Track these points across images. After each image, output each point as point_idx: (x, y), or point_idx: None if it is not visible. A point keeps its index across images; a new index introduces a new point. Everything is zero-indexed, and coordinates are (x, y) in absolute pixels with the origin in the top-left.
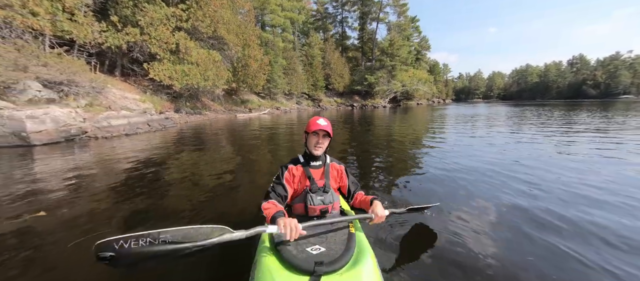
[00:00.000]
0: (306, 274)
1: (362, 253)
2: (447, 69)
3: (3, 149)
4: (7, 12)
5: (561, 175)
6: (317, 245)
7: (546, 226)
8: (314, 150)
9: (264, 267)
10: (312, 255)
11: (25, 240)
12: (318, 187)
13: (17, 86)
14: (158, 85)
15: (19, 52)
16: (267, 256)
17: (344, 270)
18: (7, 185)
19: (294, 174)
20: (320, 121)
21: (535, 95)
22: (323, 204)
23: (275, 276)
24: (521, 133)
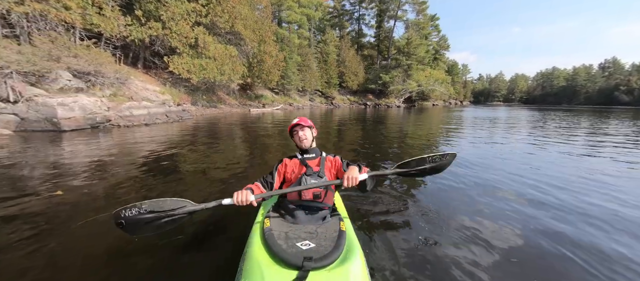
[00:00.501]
0: (295, 268)
1: (351, 250)
2: (467, 69)
3: (36, 133)
4: (43, 5)
5: (583, 193)
6: (307, 240)
7: (548, 246)
8: (300, 143)
9: (253, 260)
10: (301, 250)
11: (39, 216)
12: (313, 171)
13: (50, 75)
14: (177, 78)
15: (52, 43)
16: (256, 250)
17: (332, 267)
18: (35, 166)
19: (288, 165)
20: (295, 120)
21: (561, 100)
22: (317, 188)
23: (263, 270)
24: (544, 139)
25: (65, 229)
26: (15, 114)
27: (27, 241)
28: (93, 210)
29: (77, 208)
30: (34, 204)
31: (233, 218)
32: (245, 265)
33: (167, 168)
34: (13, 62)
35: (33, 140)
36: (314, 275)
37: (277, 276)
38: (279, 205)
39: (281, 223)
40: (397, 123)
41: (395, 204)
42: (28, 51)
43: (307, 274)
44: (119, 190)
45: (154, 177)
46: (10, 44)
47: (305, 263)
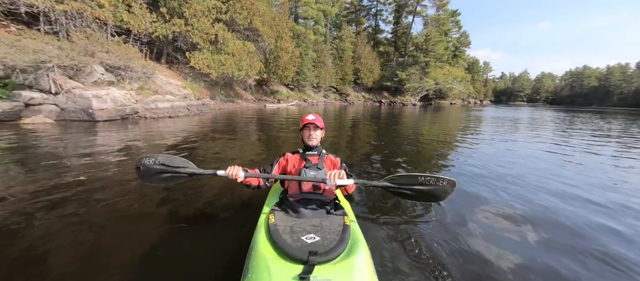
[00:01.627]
0: (300, 263)
1: (356, 244)
2: (488, 67)
3: (74, 122)
4: (80, 4)
5: (612, 208)
6: (311, 234)
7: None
8: (308, 141)
9: (259, 255)
10: (306, 244)
11: (61, 200)
12: (312, 164)
13: (86, 69)
14: (197, 73)
15: (88, 39)
16: (262, 245)
17: (337, 260)
18: (68, 154)
19: (290, 159)
20: (309, 116)
21: (591, 101)
22: (315, 179)
23: (269, 265)
24: (569, 142)
25: (83, 211)
26: (56, 105)
27: (46, 220)
28: (112, 195)
29: (98, 192)
30: (60, 187)
31: (238, 213)
32: (251, 260)
33: (187, 158)
34: (54, 57)
35: (71, 129)
36: (320, 269)
37: (283, 271)
38: (282, 201)
39: (285, 218)
40: (411, 122)
41: (400, 199)
42: (67, 47)
43: (312, 268)
44: (135, 177)
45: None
46: (51, 40)
47: (310, 258)
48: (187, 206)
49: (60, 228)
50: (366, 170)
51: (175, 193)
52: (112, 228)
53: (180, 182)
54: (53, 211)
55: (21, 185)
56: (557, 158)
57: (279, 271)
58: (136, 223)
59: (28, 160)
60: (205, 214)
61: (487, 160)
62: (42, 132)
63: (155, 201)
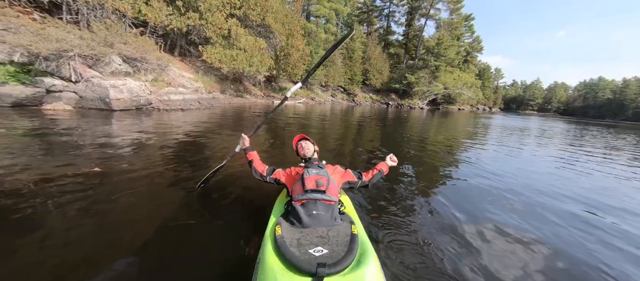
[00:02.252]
0: (308, 275)
1: (365, 254)
2: (500, 74)
3: (91, 110)
4: None
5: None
6: (319, 246)
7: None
8: (301, 152)
9: (267, 268)
10: (314, 256)
11: (74, 190)
12: (313, 164)
13: (105, 59)
14: (208, 67)
15: (107, 30)
16: (270, 258)
17: (346, 272)
18: (85, 142)
19: (294, 170)
20: (295, 139)
21: (604, 114)
22: (318, 175)
23: (278, 278)
24: (581, 156)
25: (97, 201)
26: (75, 92)
27: (60, 208)
28: (127, 186)
29: (110, 184)
30: (76, 175)
31: (245, 227)
32: (260, 273)
33: (196, 151)
34: (76, 46)
35: (89, 117)
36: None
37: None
38: (288, 212)
39: (292, 229)
40: (418, 127)
41: (409, 205)
42: (88, 36)
43: (321, 280)
44: (152, 169)
45: (183, 157)
46: (73, 29)
47: (319, 270)
48: (196, 211)
49: (70, 218)
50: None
51: (186, 198)
52: (118, 226)
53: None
54: (67, 201)
55: (39, 172)
56: (568, 172)
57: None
58: (143, 225)
59: (48, 145)
60: (215, 222)
61: (496, 172)
62: (62, 119)
63: (166, 203)
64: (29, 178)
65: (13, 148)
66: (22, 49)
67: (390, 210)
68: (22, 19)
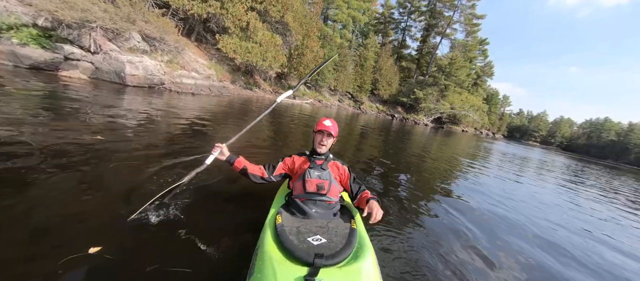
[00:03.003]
0: (306, 265)
1: (363, 249)
2: (507, 101)
3: (106, 83)
4: None
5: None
6: (318, 235)
7: None
8: (318, 147)
9: (265, 256)
10: (312, 245)
11: (75, 154)
12: (316, 165)
13: (125, 34)
14: (222, 56)
15: (132, 7)
16: (268, 246)
17: (343, 264)
18: (93, 111)
19: (296, 160)
20: (326, 122)
21: (607, 155)
22: (320, 179)
23: (275, 265)
24: (579, 193)
25: (96, 167)
26: (91, 63)
27: (57, 170)
28: (125, 156)
29: (108, 152)
30: (78, 140)
31: (245, 214)
32: (258, 259)
33: (199, 135)
34: (99, 18)
35: (102, 88)
36: (325, 271)
37: (289, 272)
38: (288, 203)
39: (292, 218)
40: (421, 143)
41: (408, 205)
42: (112, 10)
43: (317, 270)
44: (153, 148)
45: (187, 141)
46: (98, 2)
47: (316, 260)
48: (195, 197)
49: (64, 182)
50: (365, 180)
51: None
52: (115, 193)
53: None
54: (65, 165)
55: (44, 133)
56: (565, 208)
57: (285, 272)
58: (138, 199)
59: (59, 110)
60: (213, 208)
61: (494, 194)
62: (76, 86)
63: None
64: (32, 139)
65: (24, 107)
66: (47, 13)
67: (390, 208)
68: None
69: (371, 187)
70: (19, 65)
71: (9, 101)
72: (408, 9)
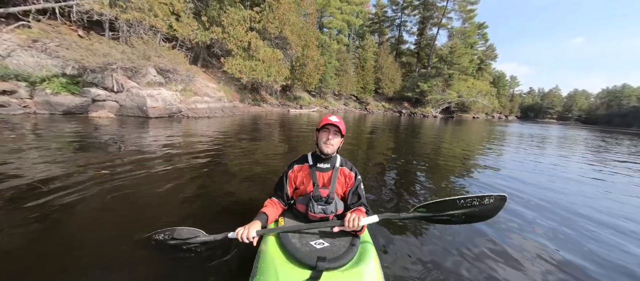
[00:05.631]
0: (308, 268)
1: (366, 252)
2: (515, 82)
3: (130, 118)
4: (141, 14)
5: None
6: (320, 240)
7: None
8: (323, 146)
9: (268, 257)
10: (315, 249)
11: (79, 191)
12: (321, 196)
13: (142, 71)
14: (229, 77)
15: (145, 45)
16: (271, 248)
17: (346, 268)
18: (122, 145)
19: (298, 174)
20: (331, 117)
21: (631, 122)
22: (324, 213)
23: (277, 268)
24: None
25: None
26: (116, 101)
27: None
28: (131, 192)
29: (113, 189)
30: (82, 179)
31: (248, 217)
32: (260, 261)
33: (217, 159)
34: (119, 60)
35: (128, 123)
36: (328, 275)
37: (291, 275)
38: (291, 206)
39: (295, 222)
40: (432, 135)
41: (411, 207)
42: (128, 51)
43: (320, 274)
44: (171, 180)
45: (206, 169)
46: (115, 45)
47: (318, 263)
48: (199, 202)
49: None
50: (379, 183)
51: (187, 189)
52: (127, 208)
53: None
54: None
55: (74, 169)
56: (599, 184)
57: (287, 274)
58: (145, 210)
59: (88, 147)
60: (216, 212)
61: (513, 180)
62: (105, 125)
63: (171, 196)
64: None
65: (59, 149)
66: (74, 62)
67: (392, 211)
68: (72, 35)
69: (382, 198)
70: (53, 112)
71: (48, 145)
72: (401, 5)
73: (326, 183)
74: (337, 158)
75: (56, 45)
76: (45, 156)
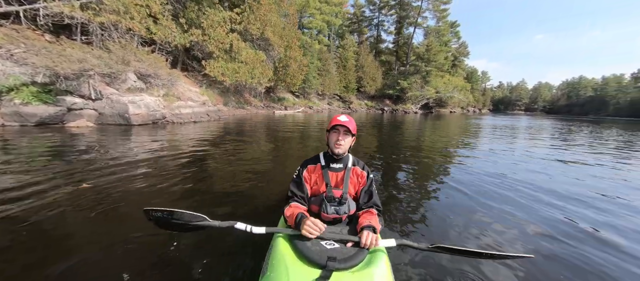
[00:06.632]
0: (318, 267)
1: (377, 255)
2: (486, 77)
3: (111, 126)
4: (116, 16)
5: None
6: (331, 240)
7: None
8: (334, 147)
9: (278, 255)
10: (325, 249)
11: (60, 206)
12: (334, 197)
13: (121, 77)
14: (211, 80)
15: (123, 49)
16: (281, 247)
17: (356, 269)
18: (88, 156)
19: (312, 175)
20: (341, 117)
21: (588, 111)
22: (337, 214)
23: (288, 267)
24: (573, 153)
25: (78, 220)
26: (95, 109)
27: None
28: (106, 203)
29: (96, 201)
30: (60, 196)
31: (260, 214)
32: (271, 259)
33: (208, 165)
34: (95, 66)
35: (108, 132)
36: (338, 275)
37: (302, 274)
38: None
39: None
40: (414, 130)
41: (422, 208)
42: (106, 56)
43: (330, 274)
44: (156, 187)
45: (198, 176)
46: (90, 50)
47: (329, 263)
48: (209, 199)
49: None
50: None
51: (210, 194)
52: (125, 223)
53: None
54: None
55: (41, 184)
56: (559, 167)
57: (298, 273)
58: (136, 225)
59: (67, 159)
60: (227, 210)
61: (500, 171)
62: (83, 135)
63: (181, 190)
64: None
65: (28, 164)
66: (45, 69)
67: (404, 212)
68: (41, 41)
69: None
70: (25, 124)
71: (20, 159)
72: (378, 5)
73: (339, 183)
74: (349, 157)
75: (23, 51)
76: (17, 170)
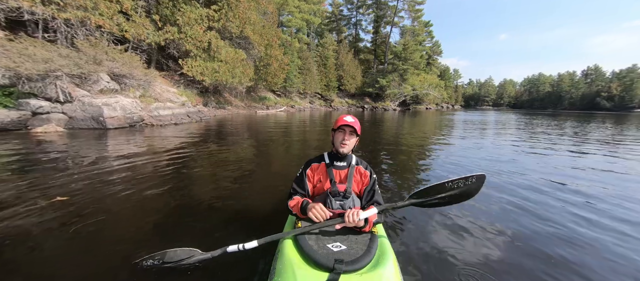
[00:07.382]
0: (325, 270)
1: (384, 255)
2: (458, 74)
3: (84, 131)
4: (83, 12)
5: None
6: (338, 242)
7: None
8: (340, 147)
9: (286, 259)
10: (332, 251)
11: (30, 223)
12: (338, 191)
13: (92, 77)
14: (188, 80)
15: (94, 48)
16: (289, 250)
17: (364, 271)
18: (60, 165)
19: (316, 172)
20: (347, 118)
21: (546, 105)
22: (342, 208)
23: (295, 270)
24: (533, 142)
25: (55, 238)
26: (64, 113)
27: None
28: (86, 220)
29: (72, 216)
30: (33, 211)
31: (266, 218)
32: (278, 264)
33: (192, 170)
34: (63, 66)
35: (81, 137)
36: (346, 278)
37: (309, 277)
38: None
39: (312, 224)
40: (393, 126)
41: (430, 209)
42: (74, 55)
43: (338, 277)
44: (120, 197)
45: (182, 182)
46: (58, 48)
47: (336, 265)
48: (182, 220)
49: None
50: None
51: (166, 207)
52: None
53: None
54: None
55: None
56: (525, 157)
57: (305, 276)
58: (121, 238)
59: (35, 169)
60: (204, 228)
61: (478, 159)
62: (51, 141)
63: (165, 202)
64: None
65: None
66: (4, 69)
67: (411, 213)
68: None
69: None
70: None
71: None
72: (356, 4)
73: (343, 179)
74: (353, 157)
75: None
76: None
